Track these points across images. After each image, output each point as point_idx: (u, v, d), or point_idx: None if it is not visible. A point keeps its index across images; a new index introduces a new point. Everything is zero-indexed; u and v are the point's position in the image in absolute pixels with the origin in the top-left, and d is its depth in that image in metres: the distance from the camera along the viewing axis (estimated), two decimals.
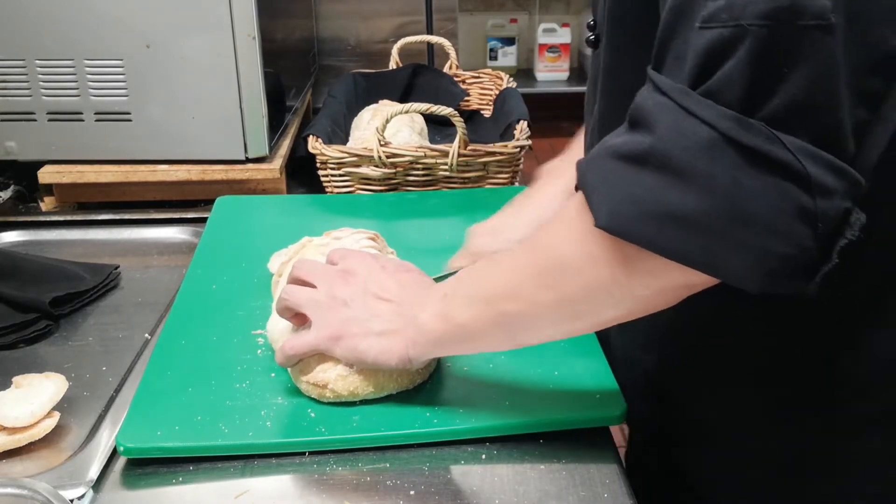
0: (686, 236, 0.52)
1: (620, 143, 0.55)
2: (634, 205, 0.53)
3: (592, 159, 0.58)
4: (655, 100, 0.54)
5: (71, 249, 1.09)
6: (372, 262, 0.75)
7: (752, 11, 0.49)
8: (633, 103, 0.56)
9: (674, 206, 0.52)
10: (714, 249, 0.52)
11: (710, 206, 0.51)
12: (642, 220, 0.53)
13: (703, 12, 0.51)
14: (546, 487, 0.66)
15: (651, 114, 0.53)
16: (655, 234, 0.53)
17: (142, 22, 1.12)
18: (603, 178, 0.56)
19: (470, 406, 0.73)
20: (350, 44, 1.75)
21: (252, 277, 0.92)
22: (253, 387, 0.75)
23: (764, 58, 0.50)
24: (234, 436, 0.69)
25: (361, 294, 0.72)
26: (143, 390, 0.75)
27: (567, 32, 3.92)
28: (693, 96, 0.52)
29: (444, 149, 1.14)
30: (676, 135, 0.52)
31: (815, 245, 0.51)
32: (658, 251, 0.53)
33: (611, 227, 0.55)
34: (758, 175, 0.50)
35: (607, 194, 0.55)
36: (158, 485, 0.67)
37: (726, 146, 0.51)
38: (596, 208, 0.55)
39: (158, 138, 1.17)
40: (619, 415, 0.72)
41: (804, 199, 0.50)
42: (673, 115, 0.52)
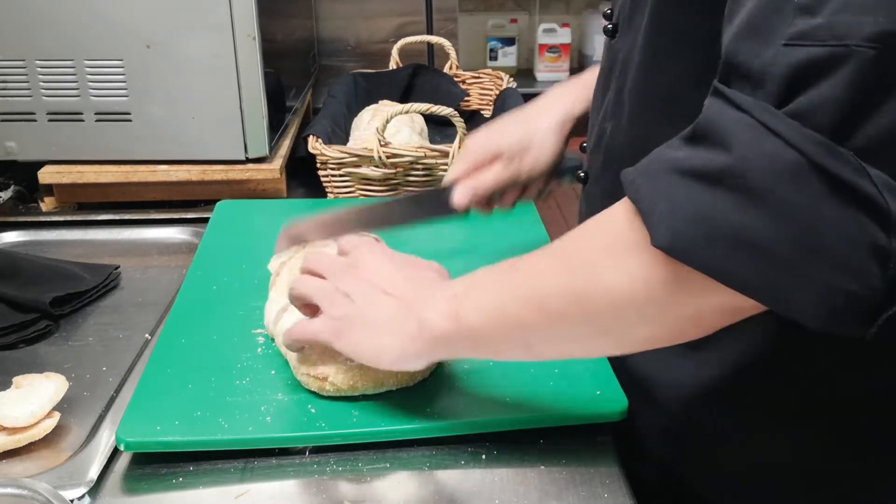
0: (754, 264, 0.49)
1: (684, 158, 0.52)
2: (702, 225, 0.50)
3: (648, 170, 0.54)
4: (731, 115, 0.50)
5: (71, 249, 1.09)
6: (380, 254, 0.73)
7: (857, 32, 0.46)
8: (701, 117, 0.52)
9: (745, 230, 0.48)
10: (781, 280, 0.49)
11: (784, 233, 0.48)
12: (709, 242, 0.49)
13: (791, 30, 0.48)
14: (546, 487, 0.66)
15: (727, 130, 0.50)
16: (720, 259, 0.49)
17: (142, 22, 1.12)
18: (664, 193, 0.52)
19: (470, 402, 0.73)
20: (350, 44, 1.75)
21: (252, 279, 0.92)
22: (253, 383, 0.75)
23: (865, 83, 0.47)
24: (234, 431, 0.69)
25: (366, 288, 0.69)
26: (143, 386, 0.75)
27: (567, 32, 3.91)
28: (777, 115, 0.48)
29: (444, 149, 1.14)
30: (757, 155, 0.48)
31: (883, 286, 0.48)
32: (719, 277, 0.50)
33: (672, 249, 0.51)
34: (839, 206, 0.47)
35: (670, 212, 0.51)
36: (158, 485, 0.67)
37: (811, 172, 0.47)
38: (655, 226, 0.52)
39: (158, 138, 1.17)
40: (620, 411, 0.72)
41: (880, 236, 0.47)
42: (754, 134, 0.49)
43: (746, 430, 0.71)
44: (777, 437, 0.69)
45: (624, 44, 0.73)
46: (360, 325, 0.68)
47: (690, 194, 0.50)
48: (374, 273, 0.70)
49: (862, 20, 0.46)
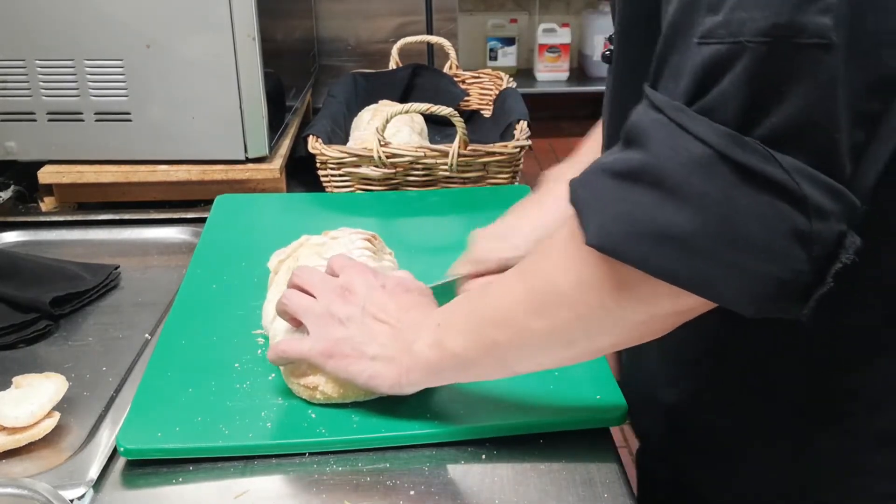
0: (678, 256, 0.51)
1: (613, 161, 0.54)
2: (625, 222, 0.52)
3: (584, 177, 0.56)
4: (650, 116, 0.52)
5: (71, 249, 1.09)
6: (372, 279, 0.74)
7: (750, 28, 0.48)
8: (628, 121, 0.54)
9: (666, 225, 0.50)
10: (706, 270, 0.51)
11: (703, 224, 0.50)
12: (633, 238, 0.52)
13: (701, 28, 0.50)
14: (546, 487, 0.66)
15: (645, 130, 0.52)
16: (646, 253, 0.51)
17: (142, 22, 1.12)
18: (594, 195, 0.55)
19: (470, 407, 0.73)
20: (350, 44, 1.75)
21: (252, 277, 0.92)
22: (253, 388, 0.75)
23: (761, 75, 0.49)
24: (235, 437, 0.69)
25: (359, 314, 0.70)
26: (144, 391, 0.75)
27: (567, 32, 3.92)
28: (688, 113, 0.50)
29: (444, 149, 1.14)
30: (670, 151, 0.51)
31: (810, 268, 0.50)
32: (649, 270, 0.52)
33: (601, 245, 0.53)
34: (752, 194, 0.49)
35: (598, 211, 0.54)
36: (158, 485, 0.67)
37: (721, 164, 0.49)
38: (586, 226, 0.54)
39: (158, 138, 1.17)
40: (620, 415, 0.72)
41: (799, 220, 0.49)
42: (667, 132, 0.51)
43: (746, 433, 0.71)
44: (777, 440, 0.69)
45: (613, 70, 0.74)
46: (351, 351, 0.69)
47: (614, 194, 0.53)
48: (367, 299, 0.71)
49: (754, 15, 0.48)
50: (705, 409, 0.73)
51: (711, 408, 0.72)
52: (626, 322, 0.58)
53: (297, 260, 0.85)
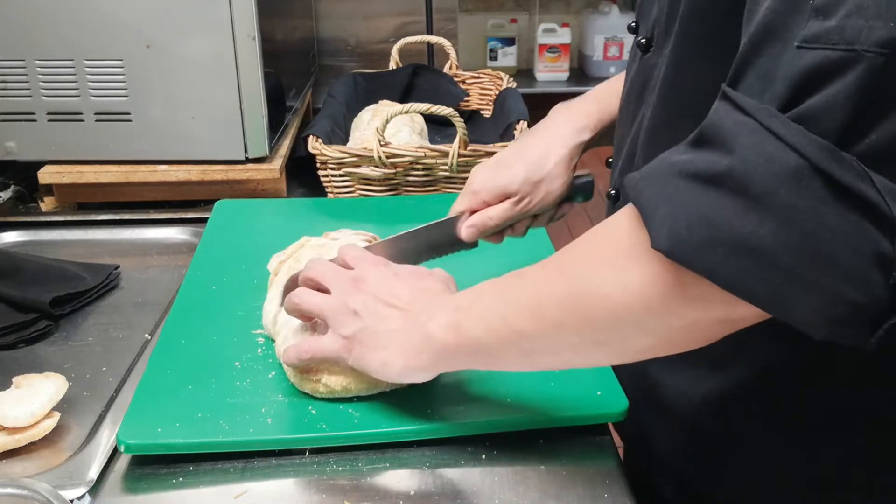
0: (756, 269, 0.48)
1: (688, 161, 0.51)
2: (703, 228, 0.49)
3: (651, 174, 0.53)
4: (735, 119, 0.49)
5: (71, 249, 1.09)
6: (384, 268, 0.72)
7: (868, 37, 0.45)
8: (706, 120, 0.51)
9: (747, 234, 0.47)
10: (782, 286, 0.48)
11: (787, 238, 0.47)
12: (710, 245, 0.48)
13: (805, 32, 0.47)
14: (546, 487, 0.66)
15: (730, 133, 0.49)
16: (721, 264, 0.48)
17: (142, 22, 1.12)
18: (666, 196, 0.51)
19: (471, 403, 0.73)
20: (350, 44, 1.75)
21: (252, 279, 0.92)
22: (253, 385, 0.75)
23: (873, 88, 0.46)
24: (235, 432, 0.69)
25: (371, 302, 0.69)
26: (144, 388, 0.75)
27: (567, 32, 3.91)
28: (782, 119, 0.47)
29: (444, 149, 1.14)
30: (760, 158, 0.47)
31: (887, 295, 0.48)
32: (720, 282, 0.49)
33: (672, 252, 0.50)
34: (842, 212, 0.46)
35: (671, 215, 0.50)
36: (158, 485, 0.67)
37: (813, 177, 0.46)
38: (655, 229, 0.51)
39: (158, 138, 1.17)
40: (620, 412, 0.72)
41: (884, 244, 0.47)
42: (757, 137, 0.48)
43: (759, 440, 0.70)
44: (790, 447, 0.69)
45: (660, 58, 0.71)
46: (368, 340, 0.68)
47: (692, 197, 0.50)
48: (379, 287, 0.70)
49: (873, 24, 0.45)
50: (718, 416, 0.72)
51: (724, 416, 0.71)
52: (668, 326, 0.55)
53: (297, 261, 0.86)
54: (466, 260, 0.89)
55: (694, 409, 0.73)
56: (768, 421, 0.69)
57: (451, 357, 0.66)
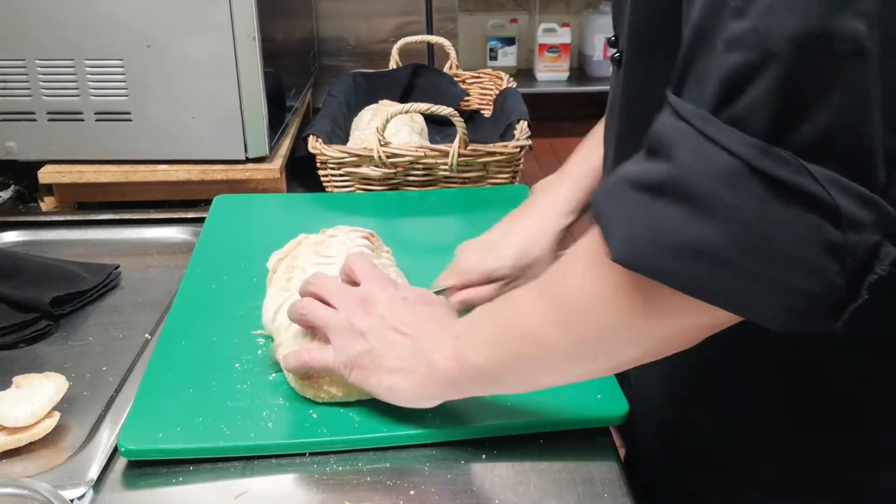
0: (707, 271, 0.49)
1: (636, 172, 0.53)
2: (652, 236, 0.50)
3: (607, 189, 0.55)
4: (674, 125, 0.51)
5: (71, 249, 1.09)
6: (393, 290, 0.73)
7: (780, 35, 0.46)
8: (650, 129, 0.53)
9: (694, 239, 0.49)
10: (736, 285, 0.49)
11: (733, 238, 0.48)
12: (661, 252, 0.50)
13: (727, 34, 0.48)
14: (546, 487, 0.66)
15: (670, 140, 0.50)
16: (674, 268, 0.50)
17: (142, 22, 1.12)
18: (617, 208, 0.53)
19: (470, 407, 0.72)
20: (350, 44, 1.75)
21: (251, 277, 0.92)
22: (254, 388, 0.75)
23: (792, 84, 0.47)
24: (236, 437, 0.69)
25: (380, 326, 0.69)
26: (144, 391, 0.75)
27: (567, 32, 3.92)
28: (715, 123, 0.49)
29: (444, 149, 1.14)
30: (697, 163, 0.49)
31: (843, 281, 0.48)
32: (677, 286, 0.50)
33: (626, 260, 0.52)
34: (784, 207, 0.47)
35: (623, 225, 0.52)
36: (158, 485, 0.67)
37: (751, 176, 0.48)
38: (611, 240, 0.53)
39: (158, 138, 1.17)
40: (621, 415, 0.72)
41: (832, 232, 0.47)
42: (693, 142, 0.49)
43: (742, 430, 0.70)
44: (770, 439, 0.69)
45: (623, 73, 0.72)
46: (373, 363, 0.69)
47: (638, 207, 0.51)
48: (389, 311, 0.70)
49: (783, 21, 0.46)
50: (711, 419, 0.72)
51: (717, 418, 0.71)
52: (652, 336, 0.56)
53: (295, 258, 0.86)
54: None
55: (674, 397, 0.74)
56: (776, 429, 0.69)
57: (455, 385, 0.67)
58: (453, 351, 0.66)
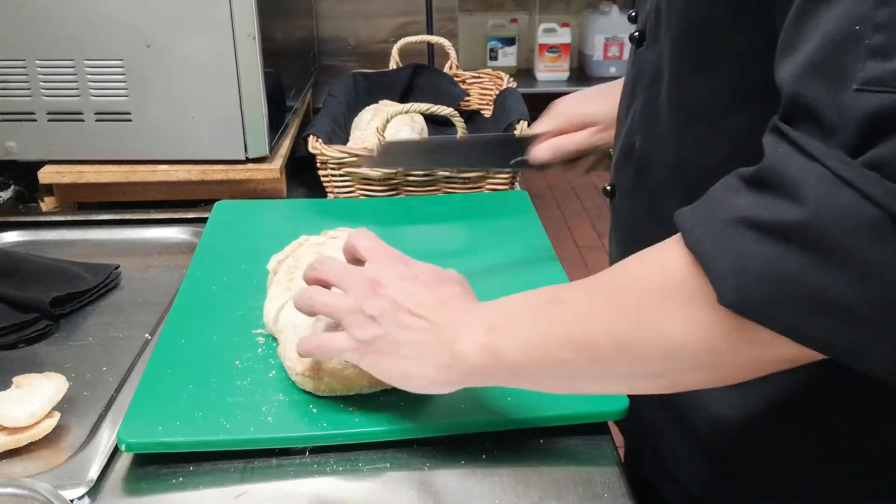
0: (833, 324, 0.47)
1: (749, 207, 0.49)
2: (775, 285, 0.47)
3: (709, 220, 0.51)
4: (801, 163, 0.47)
5: (71, 249, 1.09)
6: (403, 267, 0.68)
7: None
8: (766, 161, 0.49)
9: (822, 291, 0.46)
10: (863, 339, 0.47)
11: (867, 292, 0.46)
12: (783, 303, 0.47)
13: (864, 74, 0.46)
14: (546, 487, 0.66)
15: (797, 180, 0.47)
16: (796, 320, 0.47)
17: (142, 22, 1.12)
18: (729, 247, 0.49)
19: (471, 401, 0.73)
20: (350, 44, 1.75)
21: (251, 279, 0.92)
22: (254, 384, 0.75)
23: None
24: (236, 431, 0.69)
25: (391, 309, 0.65)
26: (144, 387, 0.75)
27: (567, 32, 3.92)
28: (854, 166, 0.45)
29: None
30: (834, 210, 0.46)
31: None
32: (796, 338, 0.48)
33: (742, 309, 0.49)
34: None
35: (737, 269, 0.49)
36: (158, 485, 0.67)
37: (893, 228, 0.45)
38: (720, 284, 0.49)
39: (158, 138, 1.17)
40: (622, 410, 0.72)
41: None
42: (828, 186, 0.46)
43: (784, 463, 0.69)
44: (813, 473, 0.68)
45: (652, 53, 0.69)
46: (387, 348, 0.65)
47: (759, 250, 0.48)
48: (398, 291, 0.66)
49: None
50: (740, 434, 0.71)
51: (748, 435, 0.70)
52: (727, 364, 0.54)
53: (296, 259, 0.86)
54: (460, 250, 0.89)
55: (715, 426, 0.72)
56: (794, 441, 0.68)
57: (483, 376, 0.64)
58: (485, 342, 0.62)
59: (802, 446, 0.68)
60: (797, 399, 0.66)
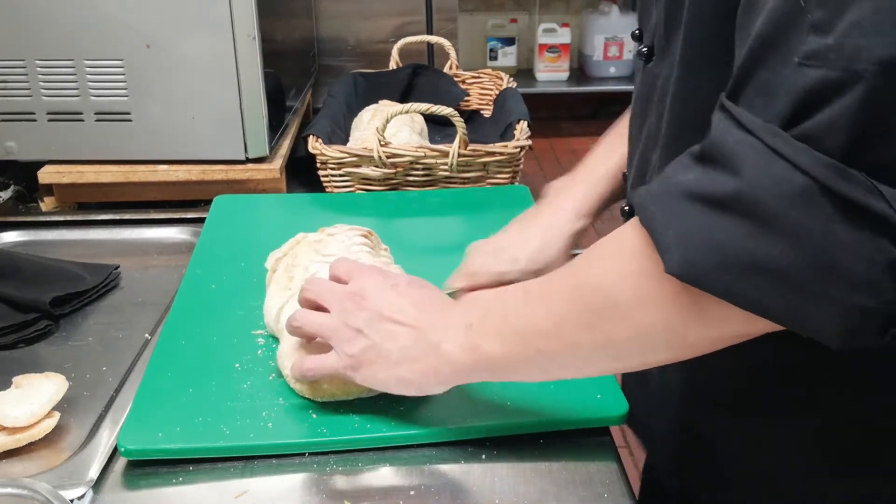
0: (771, 288, 0.49)
1: (695, 182, 0.51)
2: (714, 252, 0.50)
3: (660, 196, 0.54)
4: (737, 137, 0.50)
5: (71, 249, 1.09)
6: (381, 280, 0.71)
7: (867, 56, 0.45)
8: (708, 138, 0.52)
9: (759, 256, 0.49)
10: (798, 302, 0.49)
11: (800, 257, 0.48)
12: (722, 268, 0.50)
13: (805, 48, 0.47)
14: (546, 487, 0.66)
15: (734, 153, 0.50)
16: (735, 284, 0.50)
17: (142, 22, 1.12)
18: (675, 219, 0.52)
19: (470, 406, 0.73)
20: (350, 44, 1.75)
21: (251, 277, 0.92)
22: (253, 388, 0.75)
23: (875, 106, 0.46)
24: (236, 437, 0.69)
25: (376, 319, 0.68)
26: (144, 391, 0.75)
27: (567, 32, 3.91)
28: (786, 138, 0.48)
29: (444, 149, 1.14)
30: (767, 180, 0.48)
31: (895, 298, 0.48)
32: (736, 302, 0.50)
33: (685, 275, 0.51)
34: (853, 228, 0.47)
35: (681, 239, 0.51)
36: (158, 485, 0.67)
37: (822, 196, 0.47)
38: (667, 253, 0.52)
39: (158, 138, 1.17)
40: (620, 415, 0.72)
41: (895, 253, 0.47)
42: (762, 157, 0.48)
43: (748, 436, 0.70)
44: (779, 446, 0.68)
45: (663, 68, 0.70)
46: (377, 358, 0.67)
47: (701, 220, 0.50)
48: (380, 301, 0.69)
49: (871, 42, 0.45)
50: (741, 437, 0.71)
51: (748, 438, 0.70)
52: (686, 341, 0.56)
53: (295, 257, 0.86)
54: (464, 252, 0.89)
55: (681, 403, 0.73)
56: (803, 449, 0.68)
57: (468, 374, 0.67)
58: (467, 340, 0.65)
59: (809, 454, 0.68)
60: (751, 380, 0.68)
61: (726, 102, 0.52)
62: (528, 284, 0.65)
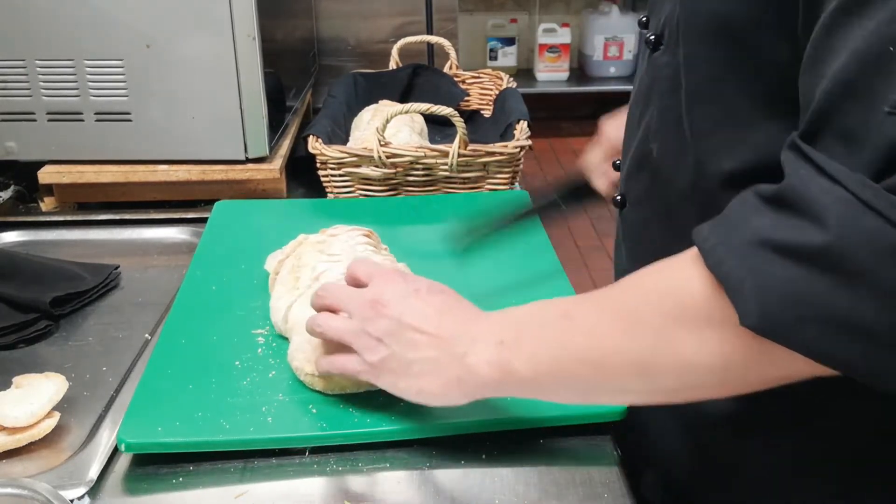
0: (853, 344, 0.47)
1: (771, 229, 0.50)
2: (796, 306, 0.48)
3: (730, 240, 0.52)
4: (823, 186, 0.47)
5: (71, 249, 1.09)
6: (402, 285, 0.69)
7: None
8: (788, 181, 0.50)
9: (844, 312, 0.47)
10: (884, 360, 0.47)
11: (890, 315, 0.46)
12: (805, 323, 0.48)
13: (895, 96, 0.45)
14: (546, 487, 0.66)
15: (819, 203, 0.47)
16: (816, 340, 0.48)
17: (142, 22, 1.12)
18: (751, 269, 0.50)
19: (471, 404, 0.72)
20: (350, 44, 1.75)
21: (251, 279, 0.92)
22: (253, 385, 0.75)
23: None
24: (236, 431, 0.69)
25: (396, 327, 0.66)
26: (144, 387, 0.75)
27: (567, 32, 3.92)
28: (877, 191, 0.45)
29: (444, 149, 1.14)
30: (858, 234, 0.46)
31: None
32: (816, 357, 0.49)
33: (764, 329, 0.49)
34: None
35: (759, 291, 0.49)
36: (158, 485, 0.67)
37: None
38: (743, 304, 0.50)
39: (158, 138, 1.17)
40: (620, 411, 0.72)
41: None
42: (851, 210, 0.46)
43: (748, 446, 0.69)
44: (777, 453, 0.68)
45: (670, 57, 0.68)
46: (398, 367, 0.66)
47: (782, 272, 0.49)
48: (401, 308, 0.67)
49: None
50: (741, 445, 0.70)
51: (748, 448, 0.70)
52: (743, 381, 0.55)
53: (299, 258, 0.86)
54: (463, 258, 0.89)
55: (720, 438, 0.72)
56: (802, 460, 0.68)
57: (493, 389, 0.65)
58: (496, 357, 0.63)
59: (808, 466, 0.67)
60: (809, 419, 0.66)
61: (803, 146, 0.50)
62: (570, 307, 0.63)
